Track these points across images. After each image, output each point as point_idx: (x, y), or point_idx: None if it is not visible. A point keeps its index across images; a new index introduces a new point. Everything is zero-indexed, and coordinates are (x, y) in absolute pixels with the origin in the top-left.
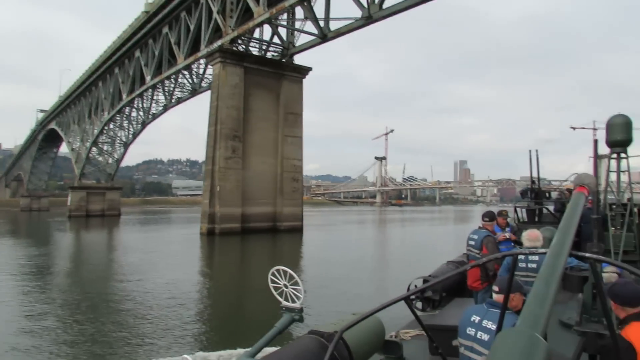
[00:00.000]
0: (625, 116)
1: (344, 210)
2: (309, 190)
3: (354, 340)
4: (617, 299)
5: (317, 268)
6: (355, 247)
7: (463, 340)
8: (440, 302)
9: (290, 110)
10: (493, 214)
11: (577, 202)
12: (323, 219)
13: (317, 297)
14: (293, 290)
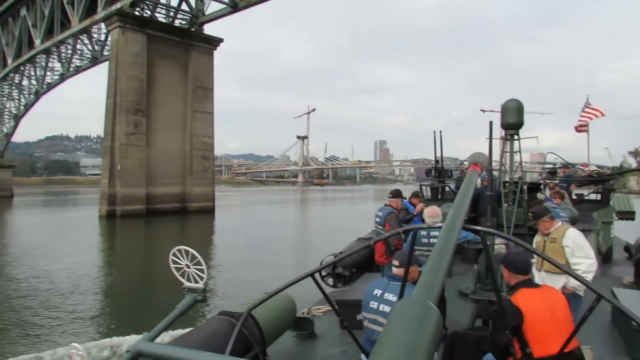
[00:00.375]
0: (517, 101)
1: (265, 190)
2: (230, 169)
3: (265, 319)
4: (511, 268)
5: (228, 250)
6: (270, 227)
7: (367, 313)
8: (350, 277)
9: (200, 83)
10: (398, 191)
11: (470, 179)
12: (242, 199)
13: (227, 279)
14: (195, 270)
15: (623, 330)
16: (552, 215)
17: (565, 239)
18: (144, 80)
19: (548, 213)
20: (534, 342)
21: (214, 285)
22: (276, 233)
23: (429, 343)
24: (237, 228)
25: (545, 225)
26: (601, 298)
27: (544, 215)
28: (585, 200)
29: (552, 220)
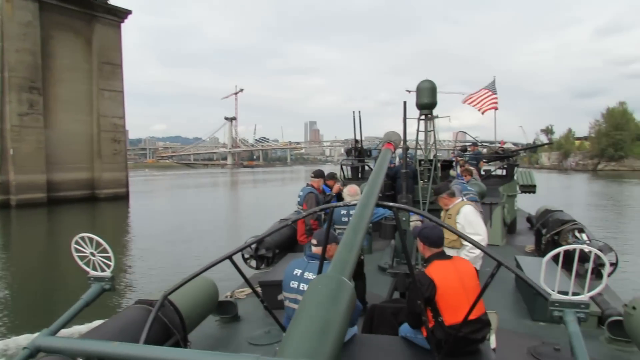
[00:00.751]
0: (431, 82)
1: (192, 173)
2: (155, 153)
3: (185, 304)
4: (425, 241)
5: (143, 238)
6: (193, 212)
7: (287, 293)
8: (274, 259)
9: (106, 59)
10: (320, 172)
11: (384, 157)
12: (165, 183)
13: (144, 268)
14: (101, 258)
15: (524, 294)
16: (451, 192)
17: (459, 215)
18: (38, 54)
19: (447, 190)
20: (445, 311)
21: (129, 275)
22: (199, 218)
23: (343, 316)
24: (154, 214)
25: (444, 202)
26: (500, 265)
27: (443, 192)
28: (492, 175)
29: (450, 197)
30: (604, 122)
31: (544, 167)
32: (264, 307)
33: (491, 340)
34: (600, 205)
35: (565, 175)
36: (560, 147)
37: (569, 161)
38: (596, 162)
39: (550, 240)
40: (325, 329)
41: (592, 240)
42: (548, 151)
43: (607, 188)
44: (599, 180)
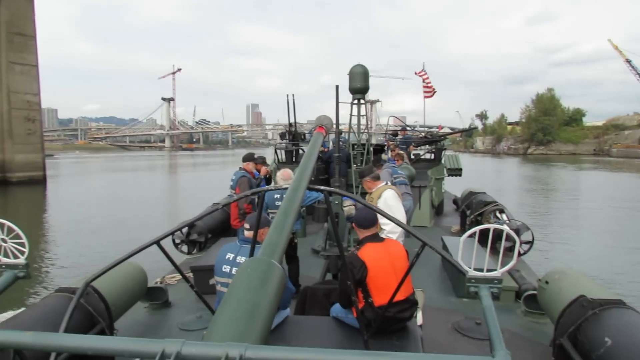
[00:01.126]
0: (363, 66)
1: (127, 156)
2: (87, 134)
3: (111, 291)
4: (358, 223)
5: (64, 224)
6: (121, 197)
7: (219, 277)
8: (206, 243)
9: (16, 29)
10: (250, 155)
11: (315, 141)
12: (95, 166)
13: (65, 255)
14: (14, 244)
15: (450, 273)
16: (374, 176)
17: (380, 199)
18: None
19: (371, 173)
20: (375, 292)
21: (49, 263)
22: (129, 203)
23: (271, 299)
24: (78, 199)
25: (368, 185)
26: (425, 245)
27: (367, 175)
28: (421, 159)
29: (374, 180)
30: (533, 107)
31: (479, 152)
32: (195, 292)
33: (418, 317)
34: (530, 189)
35: (498, 159)
36: (493, 131)
37: (501, 145)
38: (526, 146)
39: (473, 220)
40: (253, 311)
41: (510, 220)
42: (482, 136)
43: (535, 172)
44: (528, 165)
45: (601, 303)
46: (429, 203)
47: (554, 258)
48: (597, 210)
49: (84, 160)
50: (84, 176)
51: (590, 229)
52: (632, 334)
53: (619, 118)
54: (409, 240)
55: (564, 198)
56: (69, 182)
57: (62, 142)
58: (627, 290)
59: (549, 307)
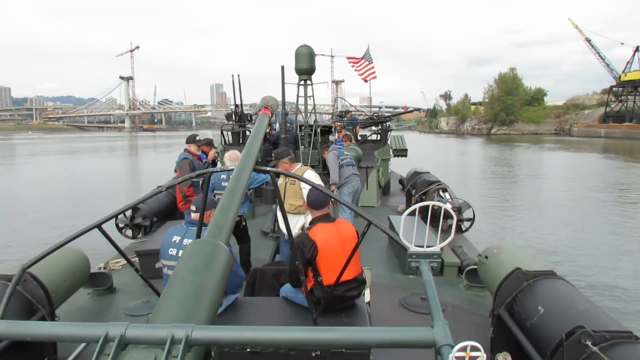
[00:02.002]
0: (309, 47)
1: (83, 136)
2: (42, 114)
3: (51, 278)
4: (309, 203)
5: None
6: (70, 180)
7: (165, 261)
8: (151, 227)
9: None
10: (193, 136)
11: (260, 122)
12: (46, 148)
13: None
14: None
15: (396, 251)
16: (291, 158)
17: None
18: None
19: (288, 155)
20: (325, 272)
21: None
22: (77, 187)
23: (218, 280)
24: (18, 183)
25: (285, 167)
26: (370, 224)
27: (284, 157)
28: (368, 140)
29: (291, 162)
30: (496, 87)
31: (443, 132)
32: (140, 276)
33: (366, 295)
34: (494, 174)
35: (461, 139)
36: (457, 112)
37: (465, 126)
38: (490, 126)
39: (418, 199)
40: (199, 293)
41: (453, 198)
42: (446, 116)
43: (499, 153)
44: (492, 145)
45: (535, 275)
46: (375, 183)
47: (502, 237)
48: (556, 192)
49: (33, 142)
50: (30, 158)
51: (548, 210)
52: (561, 302)
53: (579, 97)
54: (358, 220)
55: (525, 181)
56: (10, 165)
57: (14, 122)
58: (568, 264)
59: (488, 280)
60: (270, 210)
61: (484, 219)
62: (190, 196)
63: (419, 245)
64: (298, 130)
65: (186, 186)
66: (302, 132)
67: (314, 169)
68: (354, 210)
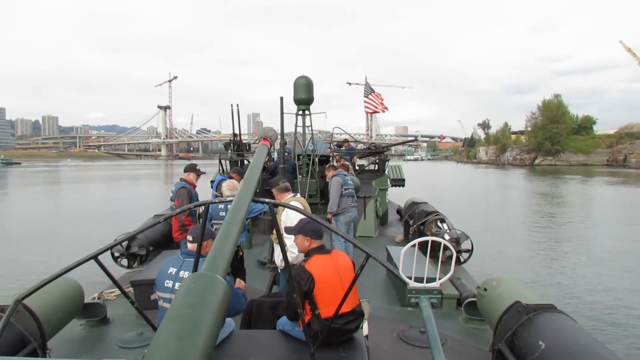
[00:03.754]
0: (307, 77)
1: (117, 164)
2: (84, 142)
3: (44, 309)
4: (312, 234)
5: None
6: (78, 209)
7: (161, 293)
8: (147, 257)
9: None
10: (192, 165)
11: (260, 153)
12: (69, 175)
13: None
14: None
15: (394, 282)
16: (280, 187)
17: (283, 212)
18: None
19: (277, 185)
20: (322, 304)
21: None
22: (83, 216)
23: (215, 316)
24: (20, 213)
25: (276, 196)
26: (369, 257)
27: (274, 186)
28: (365, 170)
29: (281, 192)
30: (539, 115)
31: (482, 162)
32: (135, 308)
33: (364, 328)
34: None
35: (502, 170)
36: (497, 141)
37: (506, 156)
38: (533, 156)
39: (416, 230)
40: (196, 329)
41: (451, 229)
42: (485, 145)
43: (549, 188)
44: (537, 178)
45: (535, 308)
46: (373, 213)
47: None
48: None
49: (58, 169)
50: (46, 187)
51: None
52: (562, 337)
53: (633, 125)
54: (357, 250)
55: (584, 222)
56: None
57: (56, 150)
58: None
59: (488, 313)
60: (267, 240)
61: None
62: (188, 225)
63: (418, 279)
64: (296, 159)
65: (184, 215)
66: (300, 162)
67: (312, 198)
68: (352, 242)
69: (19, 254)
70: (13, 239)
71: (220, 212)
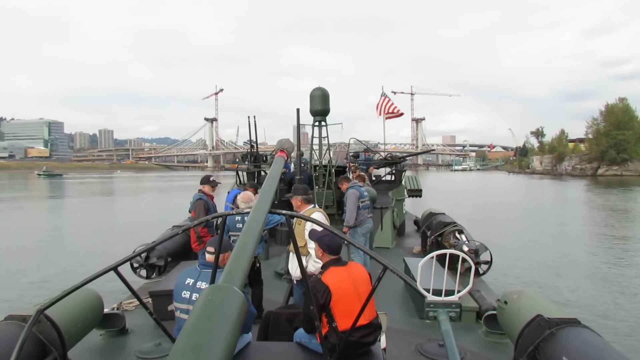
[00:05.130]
0: (323, 89)
1: (162, 176)
2: (134, 154)
3: (64, 319)
4: (326, 248)
5: (20, 249)
6: (103, 217)
7: (178, 304)
8: (166, 267)
9: None
10: (207, 177)
11: (277, 165)
12: (92, 188)
13: (17, 282)
14: None
15: (412, 294)
16: (305, 198)
17: (307, 223)
18: None
19: (304, 194)
20: (339, 317)
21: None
22: (113, 228)
23: (232, 327)
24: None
25: (297, 204)
26: (386, 269)
27: (299, 195)
28: (382, 181)
29: (305, 202)
30: (602, 120)
31: (536, 172)
32: (154, 319)
33: (381, 341)
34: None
35: (560, 181)
36: (553, 149)
37: (563, 165)
38: (595, 166)
39: (434, 241)
40: (212, 341)
41: (469, 240)
42: (539, 154)
43: (627, 202)
44: (606, 190)
45: (557, 322)
46: (390, 224)
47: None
48: None
49: (102, 180)
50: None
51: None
52: (587, 353)
53: None
54: (374, 262)
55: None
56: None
57: (108, 162)
58: None
59: (508, 327)
60: (284, 251)
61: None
62: (205, 237)
63: (436, 291)
64: (312, 170)
65: (200, 227)
66: (317, 173)
67: (328, 209)
68: (369, 253)
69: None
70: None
71: (237, 224)
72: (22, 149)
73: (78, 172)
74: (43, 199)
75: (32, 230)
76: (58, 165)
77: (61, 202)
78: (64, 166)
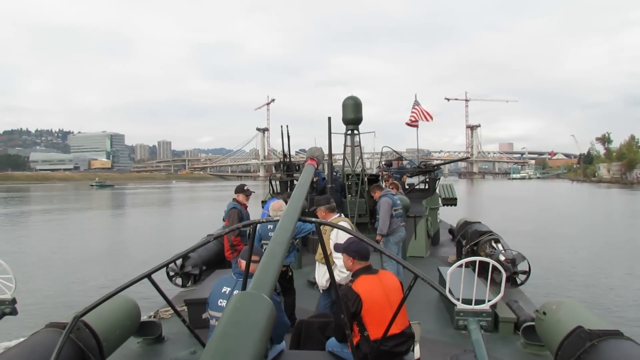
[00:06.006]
0: (355, 98)
1: (214, 185)
2: (190, 164)
3: (103, 326)
4: (355, 255)
5: (59, 259)
6: (136, 231)
7: (214, 312)
8: (201, 275)
9: None
10: (241, 186)
11: (307, 172)
12: (143, 199)
13: (57, 290)
14: (0, 279)
15: (447, 303)
16: (329, 207)
17: (333, 231)
18: None
19: (327, 204)
20: (371, 326)
21: (40, 297)
22: (143, 235)
23: (260, 334)
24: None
25: (322, 215)
26: (417, 277)
27: (321, 205)
28: (415, 189)
29: (329, 211)
30: None
31: (603, 180)
32: (187, 327)
33: (415, 351)
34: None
35: (631, 190)
36: (621, 156)
37: (635, 173)
38: None
39: (469, 250)
40: (241, 347)
41: (506, 250)
42: (606, 162)
43: None
44: None
45: (599, 334)
46: (424, 233)
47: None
48: None
49: (145, 191)
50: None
51: None
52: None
53: None
54: (407, 271)
55: None
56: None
57: (165, 172)
58: None
59: (548, 338)
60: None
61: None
62: (238, 245)
63: (467, 300)
64: (345, 179)
65: (234, 235)
66: (349, 181)
67: (361, 217)
68: (400, 262)
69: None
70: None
71: (269, 233)
72: (86, 160)
73: (137, 182)
74: (83, 210)
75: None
76: (118, 176)
77: (107, 213)
78: (123, 177)
